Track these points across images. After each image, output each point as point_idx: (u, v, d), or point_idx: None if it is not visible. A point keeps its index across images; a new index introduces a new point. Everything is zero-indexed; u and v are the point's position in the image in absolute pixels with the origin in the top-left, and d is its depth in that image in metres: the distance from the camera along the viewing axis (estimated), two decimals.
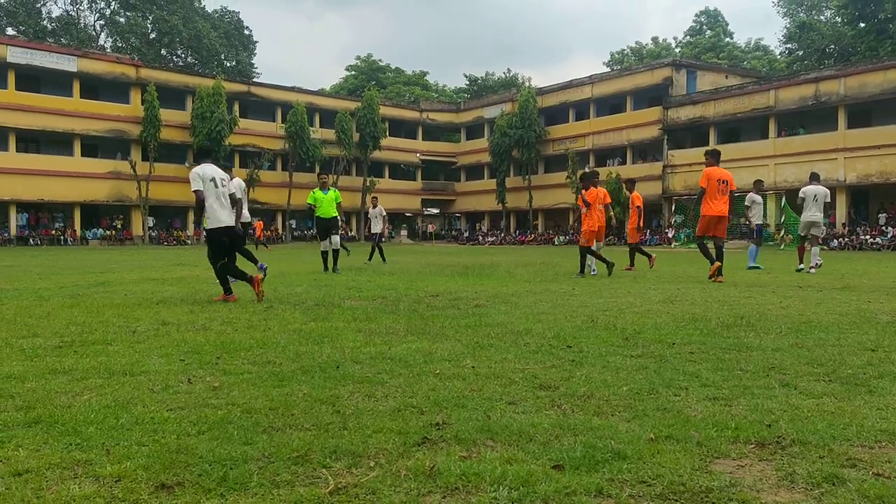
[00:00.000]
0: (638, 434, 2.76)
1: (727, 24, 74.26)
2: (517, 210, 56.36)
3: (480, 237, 56.63)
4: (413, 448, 2.62)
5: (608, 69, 67.67)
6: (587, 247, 12.03)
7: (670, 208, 45.76)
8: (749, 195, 15.08)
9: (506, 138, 52.96)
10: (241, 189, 11.27)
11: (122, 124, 46.01)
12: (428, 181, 62.73)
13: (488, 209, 58.96)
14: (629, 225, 14.56)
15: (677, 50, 72.99)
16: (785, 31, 58.51)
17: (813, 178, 13.94)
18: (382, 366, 4.11)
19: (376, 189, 50.39)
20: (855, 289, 9.44)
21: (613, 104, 50.46)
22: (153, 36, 64.64)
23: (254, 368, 4.04)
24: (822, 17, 59.14)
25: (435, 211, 63.06)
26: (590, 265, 12.52)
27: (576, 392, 3.46)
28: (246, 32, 72.26)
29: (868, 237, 35.43)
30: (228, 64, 68.23)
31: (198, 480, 2.29)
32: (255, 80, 59.18)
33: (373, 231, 18.20)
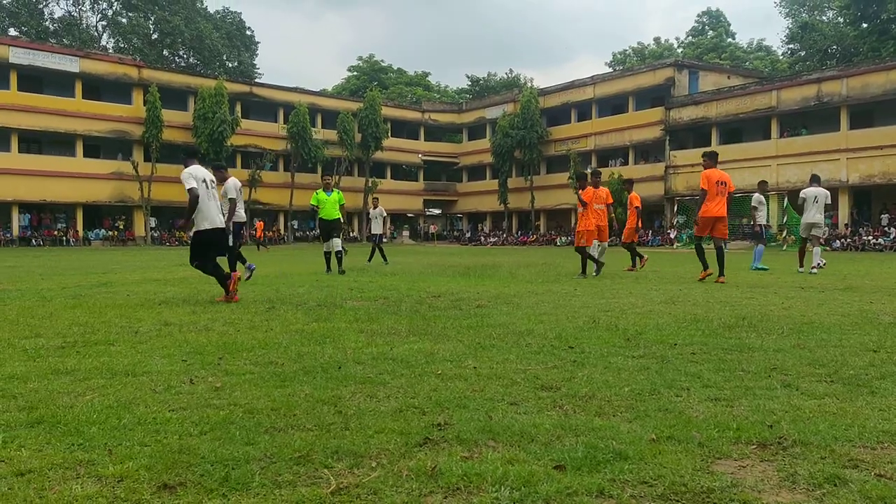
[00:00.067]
0: (639, 435, 2.76)
1: (729, 25, 74.24)
2: (519, 211, 56.36)
3: (482, 238, 56.61)
4: (415, 448, 2.62)
5: (610, 69, 67.66)
6: (583, 247, 12.01)
7: (672, 209, 45.75)
8: (755, 195, 15.08)
9: (508, 139, 52.96)
10: (237, 189, 11.24)
11: (125, 125, 46.08)
12: (430, 182, 62.74)
13: (490, 210, 58.96)
14: (627, 225, 14.58)
15: (679, 50, 72.96)
16: (787, 32, 58.52)
17: (813, 180, 13.96)
18: (384, 366, 4.11)
19: (378, 190, 50.40)
20: (857, 290, 9.43)
21: (615, 104, 50.45)
22: (155, 36, 64.72)
23: (256, 369, 4.05)
24: (825, 18, 59.09)
25: (437, 211, 63.07)
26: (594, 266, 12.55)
27: (577, 393, 3.46)
28: (248, 33, 72.36)
29: (870, 238, 35.38)
30: (230, 64, 68.31)
31: (200, 480, 2.29)
32: (257, 81, 59.26)
33: (373, 232, 18.19)
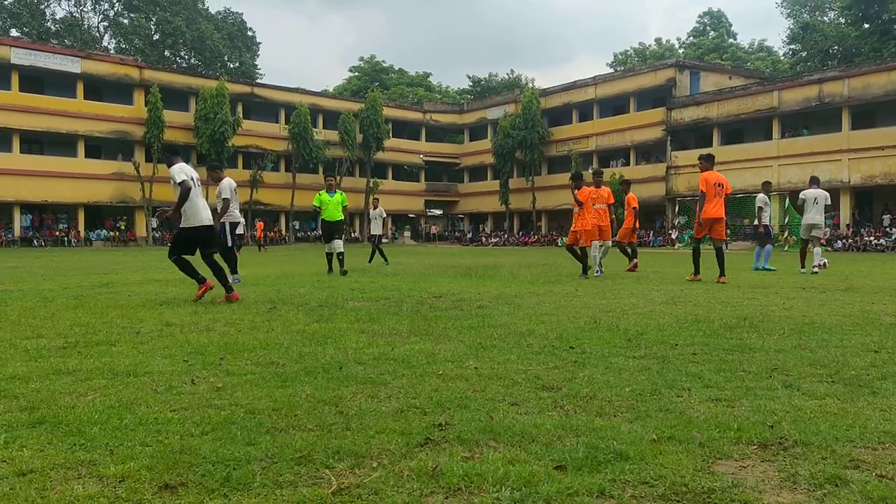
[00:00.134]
0: (640, 435, 2.76)
1: (730, 25, 74.21)
2: (520, 211, 56.37)
3: (484, 238, 56.63)
4: (416, 448, 2.63)
5: (611, 70, 67.66)
6: (582, 247, 12.00)
7: (674, 209, 45.73)
8: (760, 196, 15.09)
9: (509, 139, 52.97)
10: (232, 189, 11.22)
11: (126, 125, 46.12)
12: (431, 182, 62.76)
13: (491, 210, 58.97)
14: (624, 225, 14.63)
15: (681, 51, 72.95)
16: (788, 32, 58.49)
17: (812, 182, 14.01)
18: (385, 367, 4.11)
19: (379, 190, 50.43)
20: (858, 290, 9.42)
21: (617, 105, 50.46)
22: (157, 37, 64.79)
23: (257, 369, 4.05)
24: (826, 18, 59.08)
25: (438, 212, 63.08)
26: (598, 266, 12.56)
27: (578, 393, 3.46)
28: (249, 34, 72.41)
29: (872, 238, 35.36)
30: (232, 65, 68.36)
31: (201, 481, 2.29)
32: (259, 82, 59.32)
33: (372, 232, 18.17)
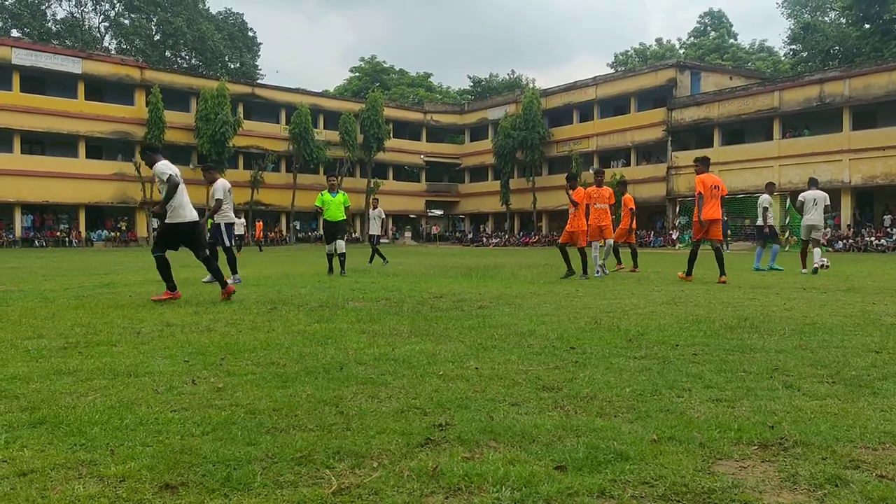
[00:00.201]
0: (641, 435, 2.76)
1: (731, 26, 74.23)
2: (521, 211, 56.37)
3: (484, 239, 56.63)
4: (416, 449, 2.63)
5: (612, 70, 67.68)
6: (580, 248, 11.99)
7: (674, 210, 45.72)
8: (765, 197, 15.10)
9: (510, 140, 52.97)
10: (225, 190, 11.19)
11: (127, 126, 46.14)
12: (432, 183, 62.78)
13: (492, 211, 58.97)
14: (620, 226, 14.65)
15: (681, 51, 72.96)
16: (789, 33, 58.47)
17: (811, 184, 14.05)
18: (386, 367, 4.12)
19: (380, 191, 50.45)
20: (859, 290, 9.42)
21: (617, 105, 50.45)
22: (157, 38, 64.84)
23: (258, 370, 4.05)
24: (827, 19, 59.07)
25: (439, 212, 63.08)
26: (601, 265, 12.57)
27: (579, 393, 3.46)
28: (250, 34, 72.46)
29: (873, 239, 35.34)
30: (232, 66, 68.40)
31: (201, 481, 2.29)
32: (259, 82, 59.35)
33: (371, 232, 18.12)
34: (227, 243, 11.27)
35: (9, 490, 2.22)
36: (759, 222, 15.34)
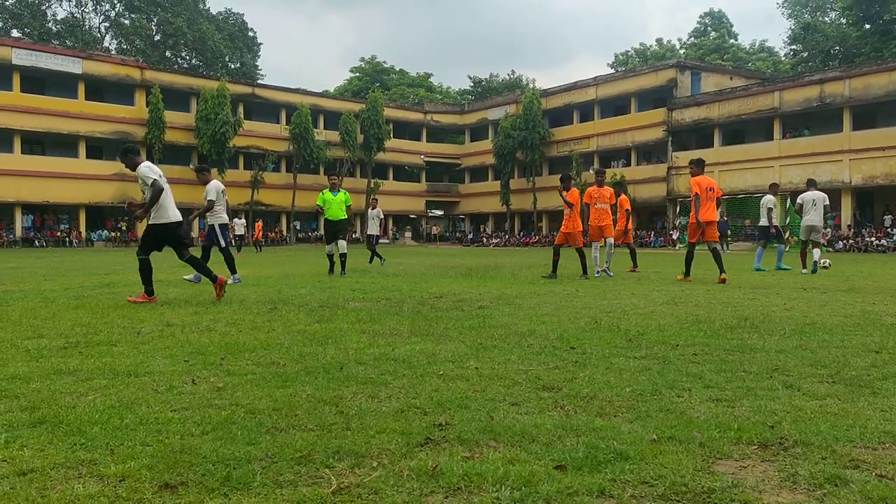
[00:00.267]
0: (640, 435, 2.76)
1: (731, 26, 74.25)
2: (521, 212, 56.38)
3: (484, 239, 56.64)
4: (416, 448, 2.63)
5: (612, 70, 67.69)
6: (577, 248, 12.00)
7: (675, 210, 45.72)
8: (769, 198, 15.11)
9: (510, 140, 52.98)
10: (218, 191, 11.15)
11: (127, 126, 46.17)
12: (432, 183, 62.80)
13: (492, 211, 58.98)
14: (616, 227, 14.64)
15: (682, 51, 72.97)
16: (789, 33, 58.50)
17: (810, 185, 14.08)
18: (386, 367, 4.11)
19: (380, 191, 50.47)
20: (860, 290, 9.42)
21: (618, 106, 50.47)
22: (158, 38, 64.86)
23: (258, 369, 4.05)
24: (827, 19, 59.08)
25: (439, 213, 63.10)
26: (602, 265, 12.56)
27: (579, 393, 3.46)
28: (250, 34, 72.48)
29: (873, 239, 35.33)
30: (233, 66, 68.45)
31: (201, 480, 2.29)
32: (259, 82, 59.38)
33: (369, 232, 18.08)
34: (223, 244, 11.22)
35: (9, 489, 2.22)
36: (763, 223, 15.36)
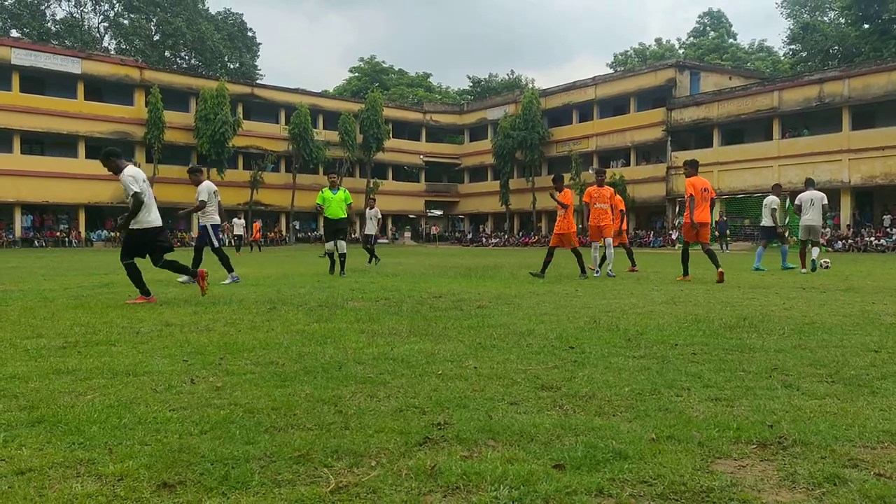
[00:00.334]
0: (639, 434, 2.75)
1: (731, 26, 74.31)
2: (521, 212, 56.38)
3: (484, 239, 56.65)
4: (414, 448, 2.62)
5: (611, 70, 67.71)
6: (574, 248, 11.99)
7: (674, 210, 45.73)
8: (772, 198, 15.14)
9: (509, 140, 52.99)
10: (209, 192, 11.07)
11: (126, 126, 46.16)
12: (431, 183, 62.79)
13: (492, 211, 58.99)
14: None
15: (681, 51, 72.99)
16: (788, 32, 58.53)
17: (809, 185, 14.12)
18: (385, 366, 4.11)
19: (380, 191, 50.53)
20: (859, 290, 9.42)
21: (617, 105, 50.48)
22: (157, 38, 64.85)
23: (256, 369, 4.05)
24: (826, 18, 59.09)
25: (438, 212, 63.11)
26: (597, 266, 12.56)
27: (578, 392, 3.46)
28: (249, 34, 72.46)
29: (872, 239, 35.35)
30: (232, 66, 68.44)
31: (200, 479, 2.29)
32: (259, 82, 59.38)
33: (367, 232, 18.04)
34: (216, 244, 11.17)
35: (7, 489, 2.21)
36: (765, 223, 15.39)
